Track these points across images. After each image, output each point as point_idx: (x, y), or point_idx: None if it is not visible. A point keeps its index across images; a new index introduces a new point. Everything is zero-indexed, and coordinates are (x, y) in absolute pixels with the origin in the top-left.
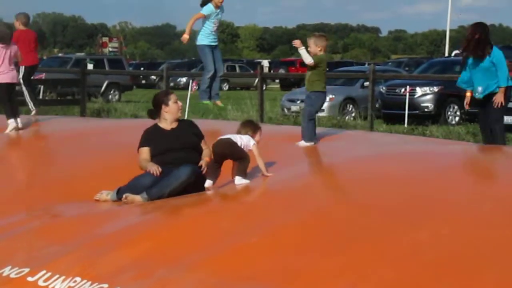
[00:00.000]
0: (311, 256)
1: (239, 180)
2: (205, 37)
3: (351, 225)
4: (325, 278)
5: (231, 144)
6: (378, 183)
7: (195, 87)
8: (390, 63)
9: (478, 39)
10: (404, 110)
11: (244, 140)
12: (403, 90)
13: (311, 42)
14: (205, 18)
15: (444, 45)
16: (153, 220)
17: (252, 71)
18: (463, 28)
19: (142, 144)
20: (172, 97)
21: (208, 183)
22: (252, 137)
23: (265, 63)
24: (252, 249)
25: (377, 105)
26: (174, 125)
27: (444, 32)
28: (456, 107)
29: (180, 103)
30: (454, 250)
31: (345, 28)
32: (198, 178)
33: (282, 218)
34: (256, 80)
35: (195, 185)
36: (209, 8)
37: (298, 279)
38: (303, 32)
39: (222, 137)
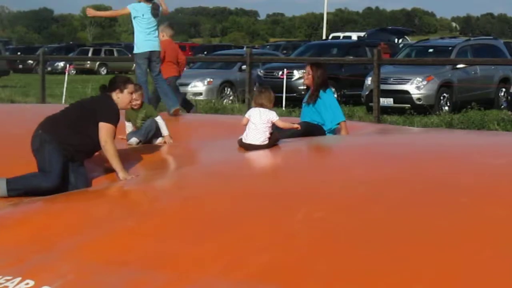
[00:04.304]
0: (184, 242)
1: None
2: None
3: (226, 212)
4: (198, 264)
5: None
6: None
7: (72, 71)
8: (268, 46)
9: None
10: (282, 93)
11: (266, 124)
12: (280, 73)
13: None
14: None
15: (322, 28)
16: (27, 206)
17: (130, 55)
18: (340, 11)
19: (115, 119)
20: (130, 87)
21: None
22: (269, 107)
23: None
24: (126, 234)
25: (255, 88)
26: None
27: (322, 15)
28: (333, 89)
29: (135, 97)
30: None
31: (223, 11)
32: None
33: (156, 205)
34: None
35: None
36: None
37: (170, 264)
38: (182, 16)
39: (246, 137)
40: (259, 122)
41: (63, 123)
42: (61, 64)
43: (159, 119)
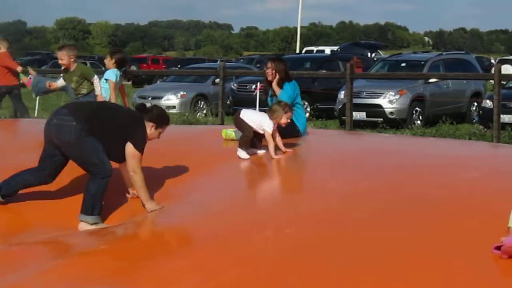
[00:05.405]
0: (156, 258)
1: (239, 152)
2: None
3: (198, 228)
4: (169, 278)
5: (238, 119)
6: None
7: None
8: (242, 60)
9: None
10: (255, 106)
11: (259, 122)
12: (253, 86)
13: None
14: None
15: (296, 41)
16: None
17: (103, 68)
18: (314, 25)
19: (143, 149)
20: (164, 129)
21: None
22: (275, 119)
23: None
24: (101, 254)
25: (228, 102)
26: None
27: (295, 29)
28: (306, 103)
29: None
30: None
31: (197, 25)
32: None
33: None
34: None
35: None
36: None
37: (144, 279)
38: (155, 29)
39: (246, 110)
40: (258, 117)
41: (97, 123)
42: None
43: (95, 79)
